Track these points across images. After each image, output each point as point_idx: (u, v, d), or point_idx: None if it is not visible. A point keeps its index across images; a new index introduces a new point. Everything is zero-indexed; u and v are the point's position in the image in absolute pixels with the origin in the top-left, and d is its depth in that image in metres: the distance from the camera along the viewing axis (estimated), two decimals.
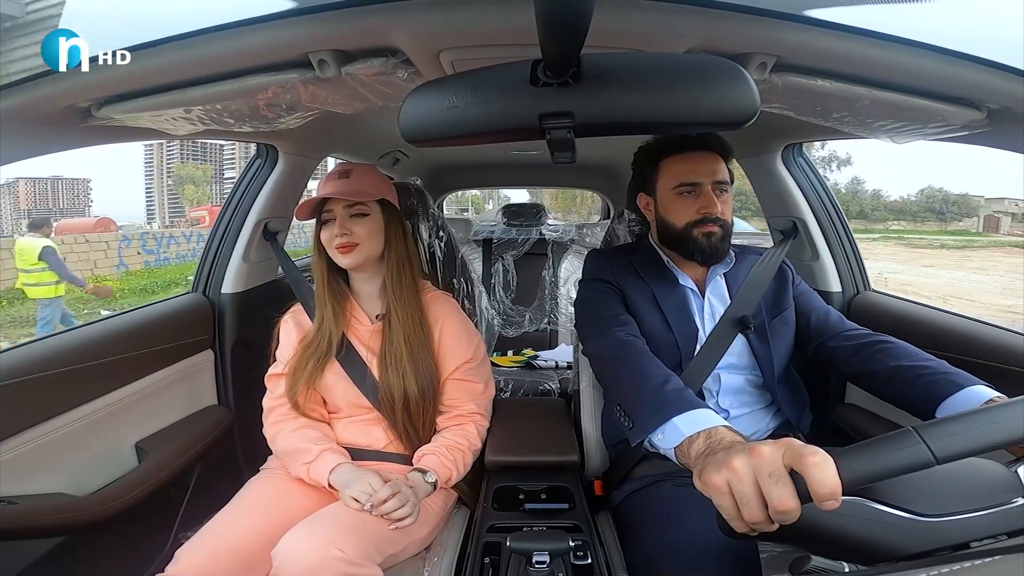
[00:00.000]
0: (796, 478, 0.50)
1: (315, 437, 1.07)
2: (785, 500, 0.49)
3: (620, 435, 1.12)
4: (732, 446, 0.59)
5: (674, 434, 0.71)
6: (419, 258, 1.31)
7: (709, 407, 0.74)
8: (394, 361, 1.08)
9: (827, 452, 0.49)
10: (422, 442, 1.10)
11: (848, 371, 1.01)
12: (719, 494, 0.55)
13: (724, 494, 0.54)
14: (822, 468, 0.47)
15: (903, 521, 0.50)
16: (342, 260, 1.08)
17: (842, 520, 0.51)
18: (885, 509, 0.51)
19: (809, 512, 0.50)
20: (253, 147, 1.51)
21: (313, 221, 1.13)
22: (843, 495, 0.47)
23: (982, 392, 0.79)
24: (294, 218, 1.49)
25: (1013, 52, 0.63)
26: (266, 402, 1.14)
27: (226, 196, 1.62)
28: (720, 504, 0.55)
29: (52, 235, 5.74)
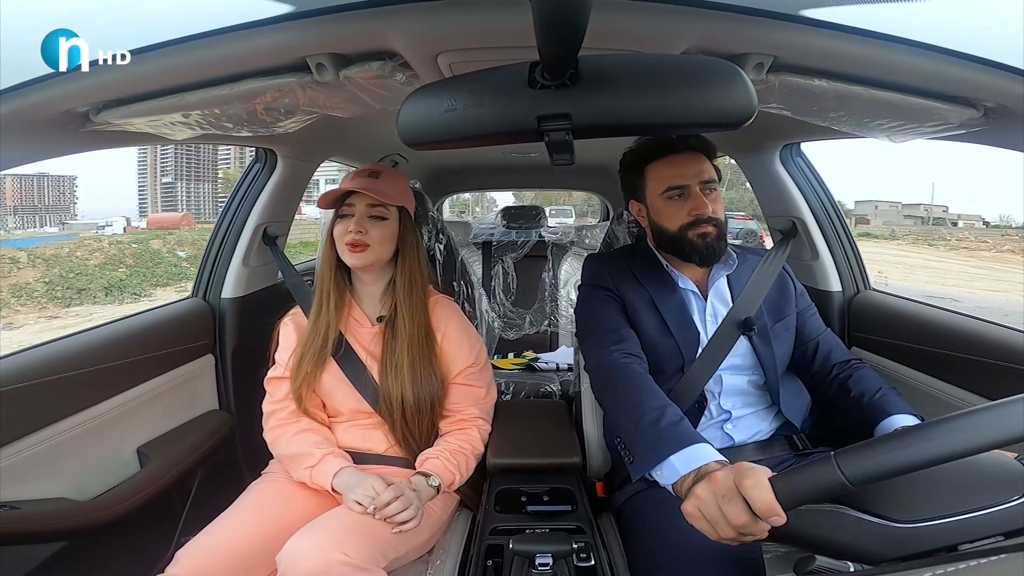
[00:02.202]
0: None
1: (316, 441, 1.06)
2: (738, 516, 0.57)
3: None
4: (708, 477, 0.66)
5: (670, 472, 0.75)
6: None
7: (705, 440, 0.77)
8: (395, 368, 1.08)
9: (765, 474, 0.57)
10: (421, 448, 1.10)
11: (826, 401, 1.08)
12: (695, 519, 0.63)
13: (698, 518, 0.63)
14: (757, 489, 0.55)
15: (876, 528, 0.51)
16: (350, 258, 1.07)
17: (821, 528, 0.53)
18: (861, 516, 0.52)
19: (793, 520, 0.53)
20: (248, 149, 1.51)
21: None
22: (789, 510, 0.52)
23: (898, 420, 0.90)
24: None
25: (1010, 50, 0.63)
26: (266, 406, 1.14)
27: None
28: (700, 528, 0.63)
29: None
